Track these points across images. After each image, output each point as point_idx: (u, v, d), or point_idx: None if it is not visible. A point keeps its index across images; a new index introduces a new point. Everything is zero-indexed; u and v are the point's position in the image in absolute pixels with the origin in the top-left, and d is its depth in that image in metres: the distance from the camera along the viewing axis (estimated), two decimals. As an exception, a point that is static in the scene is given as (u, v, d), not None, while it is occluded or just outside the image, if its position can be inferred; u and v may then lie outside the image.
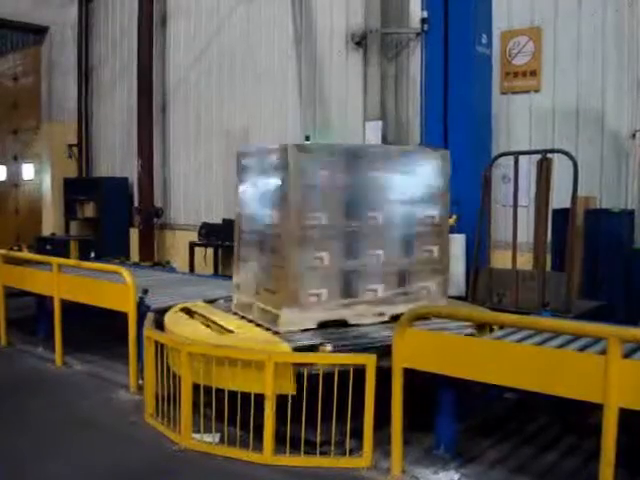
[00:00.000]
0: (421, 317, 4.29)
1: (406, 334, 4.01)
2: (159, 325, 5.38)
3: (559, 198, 6.50)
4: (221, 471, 4.24)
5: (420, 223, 5.26)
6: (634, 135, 7.03)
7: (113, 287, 6.01)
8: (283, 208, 4.83)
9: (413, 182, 5.22)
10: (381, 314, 5.07)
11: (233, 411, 4.39)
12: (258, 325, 5.02)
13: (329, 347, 4.40)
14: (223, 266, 10.56)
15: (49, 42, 13.16)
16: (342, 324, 4.92)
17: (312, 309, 4.84)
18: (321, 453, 4.25)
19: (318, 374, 4.17)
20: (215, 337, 4.82)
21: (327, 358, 4.29)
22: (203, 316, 5.40)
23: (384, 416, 4.04)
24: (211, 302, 5.98)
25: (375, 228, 5.07)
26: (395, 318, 4.71)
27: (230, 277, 9.19)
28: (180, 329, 5.05)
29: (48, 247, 11.44)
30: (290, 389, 4.26)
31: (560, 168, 6.43)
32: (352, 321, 4.96)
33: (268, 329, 4.86)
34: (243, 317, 5.28)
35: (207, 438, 4.52)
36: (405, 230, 5.20)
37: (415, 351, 4.01)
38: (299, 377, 4.22)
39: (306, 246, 4.80)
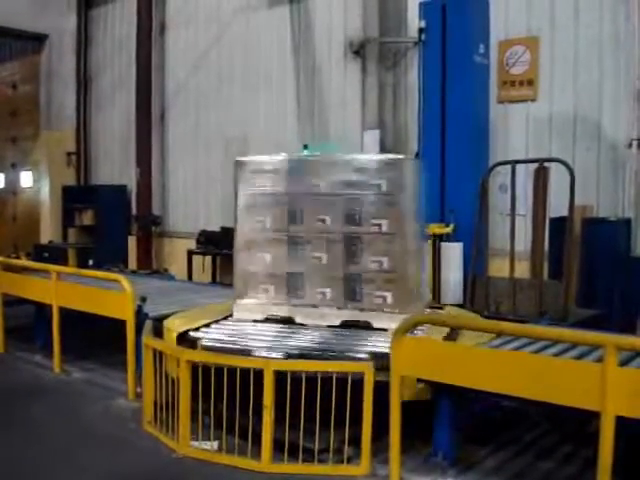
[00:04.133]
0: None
1: (404, 342, 4.03)
2: (157, 333, 5.39)
3: (556, 207, 6.54)
4: (219, 478, 4.24)
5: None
6: (631, 144, 7.06)
7: (111, 295, 6.02)
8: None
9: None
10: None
11: (231, 419, 4.40)
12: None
13: None
14: (221, 274, 10.57)
15: (48, 50, 13.18)
16: None
17: None
18: (319, 461, 4.25)
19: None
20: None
21: (325, 365, 4.31)
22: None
23: (382, 424, 4.05)
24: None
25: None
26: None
27: (228, 285, 9.18)
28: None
29: (46, 255, 11.43)
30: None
31: (557, 177, 6.47)
32: None
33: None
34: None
35: (205, 446, 4.52)
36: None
37: (413, 359, 4.02)
38: (298, 384, 4.23)
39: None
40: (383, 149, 8.47)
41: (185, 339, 5.01)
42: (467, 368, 3.87)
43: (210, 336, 5.02)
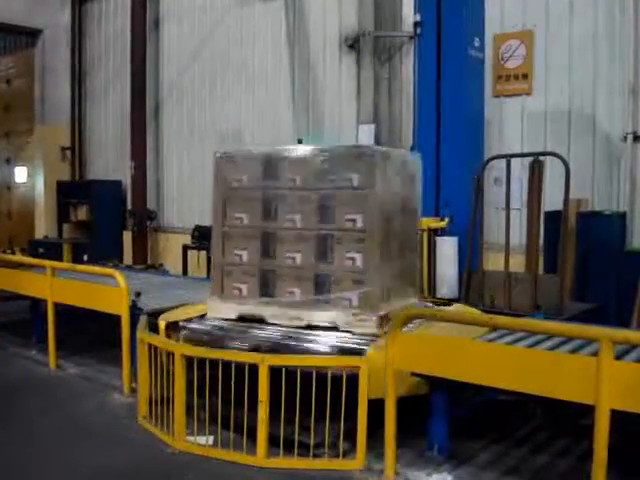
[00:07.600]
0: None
1: (398, 336, 4.03)
2: (152, 328, 5.39)
3: (551, 200, 6.54)
4: (215, 473, 4.23)
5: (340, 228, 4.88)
6: (625, 137, 7.07)
7: (106, 290, 6.01)
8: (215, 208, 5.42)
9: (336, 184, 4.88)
10: (298, 318, 4.98)
11: (227, 413, 4.40)
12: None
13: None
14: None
15: (42, 45, 13.15)
16: (260, 321, 5.12)
17: (233, 301, 5.24)
18: (314, 455, 4.26)
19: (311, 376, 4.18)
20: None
21: (320, 360, 4.31)
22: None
23: (377, 418, 4.06)
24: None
25: (292, 231, 5.04)
26: (311, 326, 4.89)
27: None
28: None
29: (41, 250, 11.41)
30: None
31: (552, 171, 6.47)
32: (270, 320, 5.10)
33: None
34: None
35: (201, 440, 4.53)
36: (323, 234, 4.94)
37: (407, 353, 4.02)
38: (292, 378, 4.22)
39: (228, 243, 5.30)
40: (378, 143, 8.45)
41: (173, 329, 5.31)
42: (462, 362, 3.87)
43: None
